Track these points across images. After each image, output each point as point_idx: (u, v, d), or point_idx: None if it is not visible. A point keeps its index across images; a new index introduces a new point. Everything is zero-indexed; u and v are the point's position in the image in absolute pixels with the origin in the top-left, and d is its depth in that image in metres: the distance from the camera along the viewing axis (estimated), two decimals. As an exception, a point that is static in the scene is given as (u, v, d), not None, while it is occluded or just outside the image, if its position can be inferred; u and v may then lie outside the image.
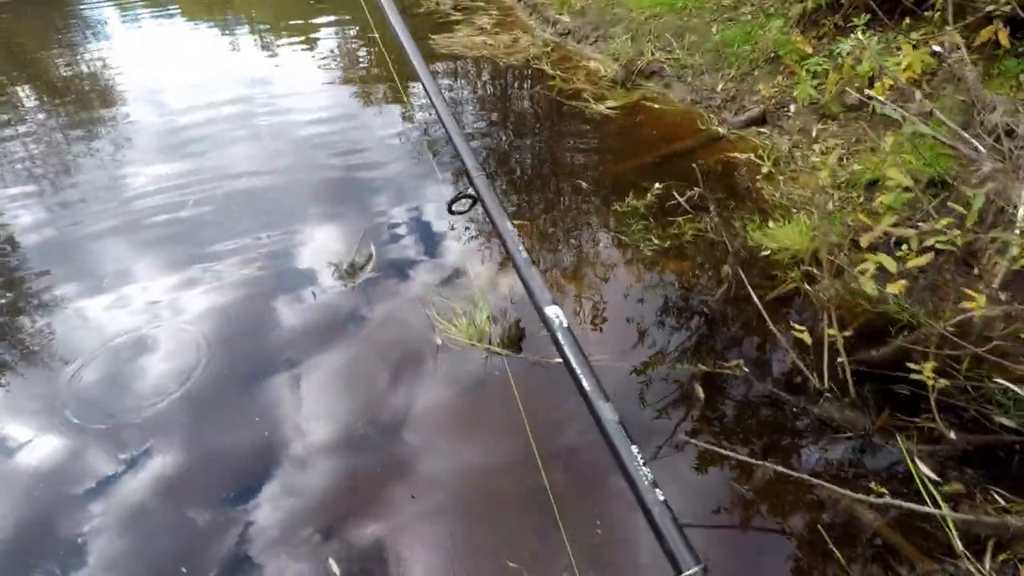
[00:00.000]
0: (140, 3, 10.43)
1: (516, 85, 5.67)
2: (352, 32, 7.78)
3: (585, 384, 1.06)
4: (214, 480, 2.30)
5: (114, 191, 4.24)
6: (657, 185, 3.80)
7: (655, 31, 5.63)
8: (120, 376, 2.75)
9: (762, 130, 4.38)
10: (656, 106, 4.97)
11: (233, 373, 2.73)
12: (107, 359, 2.85)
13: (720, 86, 4.84)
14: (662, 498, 0.93)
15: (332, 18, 8.31)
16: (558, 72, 5.60)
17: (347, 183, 4.20)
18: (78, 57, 7.47)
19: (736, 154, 4.20)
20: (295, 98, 5.63)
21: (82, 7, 10.19)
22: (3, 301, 3.32)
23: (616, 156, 4.34)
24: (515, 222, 2.13)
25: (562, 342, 1.12)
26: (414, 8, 8.32)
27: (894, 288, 1.99)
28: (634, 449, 0.97)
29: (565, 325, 1.14)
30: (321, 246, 3.53)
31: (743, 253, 3.19)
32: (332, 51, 7.10)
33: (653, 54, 5.37)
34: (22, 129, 5.37)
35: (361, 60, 6.75)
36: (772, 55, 4.72)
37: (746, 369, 2.56)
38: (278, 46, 7.51)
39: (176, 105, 5.63)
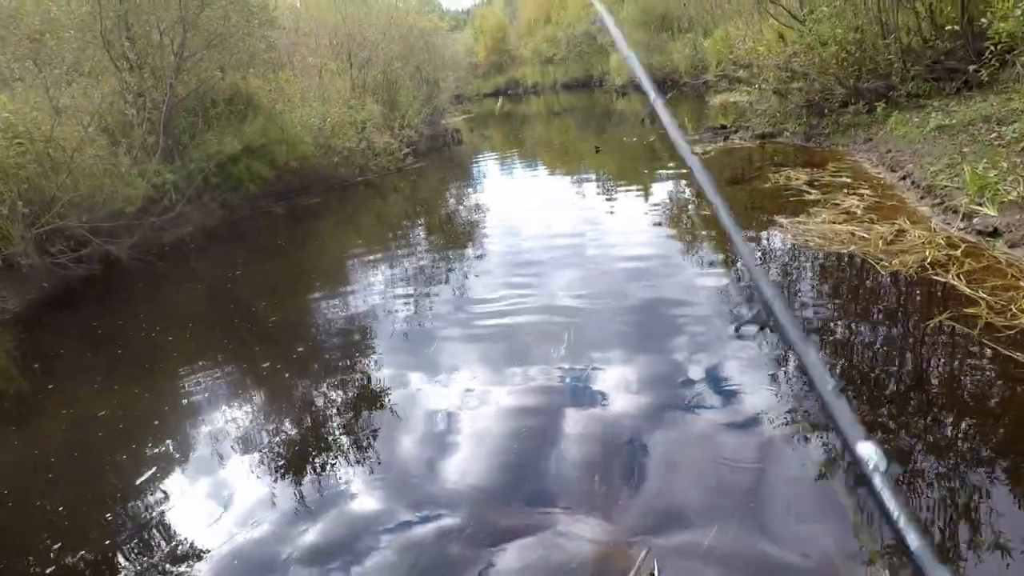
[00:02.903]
0: (516, 158, 13.19)
1: (903, 305, 3.94)
2: (684, 189, 7.84)
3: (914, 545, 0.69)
4: None
5: (461, 300, 5.12)
6: None
7: None
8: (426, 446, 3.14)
9: None
10: None
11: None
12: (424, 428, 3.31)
13: None
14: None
15: (671, 172, 8.61)
16: (981, 294, 3.73)
17: (650, 322, 4.16)
18: (459, 200, 9.74)
19: None
20: (619, 236, 6.18)
21: (474, 163, 12.96)
22: (365, 371, 4.15)
23: None
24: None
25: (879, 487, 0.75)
26: (758, 181, 7.32)
27: None
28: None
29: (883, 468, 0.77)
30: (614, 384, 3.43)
31: None
32: (664, 202, 7.41)
33: None
34: (411, 251, 7.09)
35: (688, 216, 6.75)
36: None
37: None
38: (616, 193, 8.41)
39: (523, 237, 6.75)
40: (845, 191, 6.14)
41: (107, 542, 2.75)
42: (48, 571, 2.62)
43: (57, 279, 6.64)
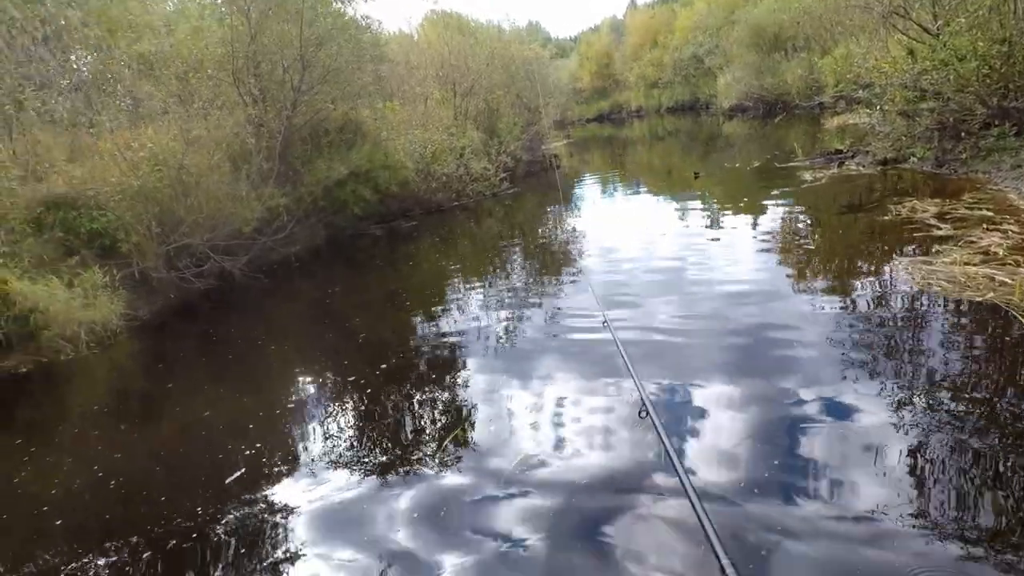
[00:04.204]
0: (617, 182, 13.05)
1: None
2: (800, 214, 7.58)
3: None
4: None
5: (555, 317, 5.19)
6: None
7: None
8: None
9: None
10: None
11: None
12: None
13: None
14: None
15: (782, 201, 8.29)
16: None
17: (753, 354, 3.89)
18: (553, 224, 9.79)
19: None
20: (725, 263, 5.92)
21: (571, 187, 13.01)
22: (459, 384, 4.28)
23: None
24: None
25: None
26: (877, 212, 6.61)
27: None
28: None
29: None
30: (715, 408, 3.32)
31: None
32: (773, 230, 6.99)
33: None
34: (503, 273, 7.17)
35: (801, 244, 6.33)
36: None
37: None
38: (723, 219, 8.03)
39: (622, 260, 6.65)
40: (984, 226, 5.38)
41: (198, 533, 2.96)
42: (147, 555, 2.86)
43: (180, 292, 7.32)
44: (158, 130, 7.92)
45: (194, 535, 2.94)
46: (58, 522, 3.23)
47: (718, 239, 6.87)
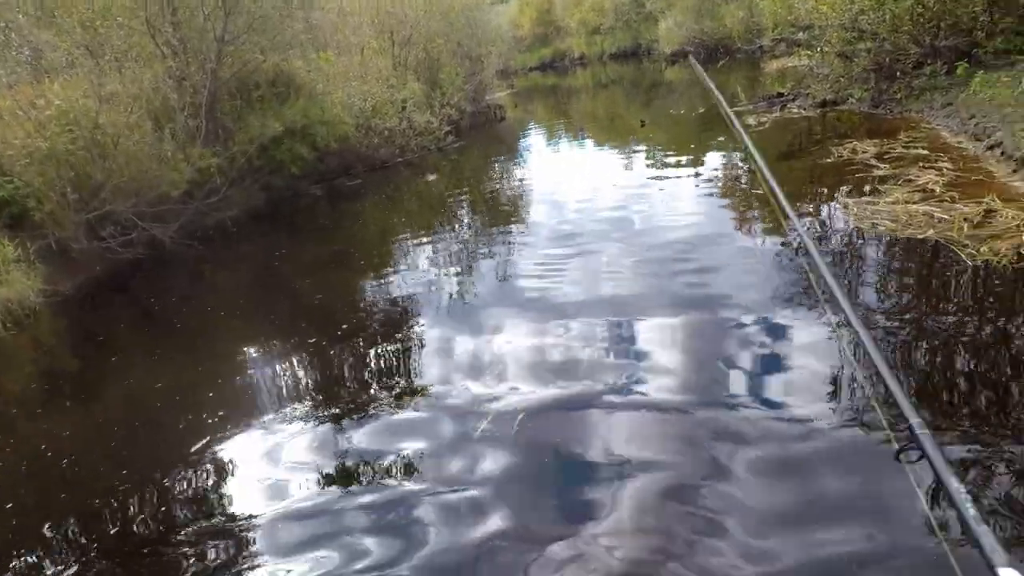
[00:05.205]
0: (563, 131, 13.02)
1: (995, 302, 3.44)
2: (738, 160, 7.44)
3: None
4: None
5: (502, 273, 5.16)
6: None
7: None
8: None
9: None
10: None
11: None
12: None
13: None
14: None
15: (727, 146, 8.17)
16: (1087, 282, 3.25)
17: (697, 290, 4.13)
18: (499, 177, 9.59)
19: None
20: (667, 206, 6.08)
21: (518, 139, 12.89)
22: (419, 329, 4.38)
23: None
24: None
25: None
26: (818, 155, 6.75)
27: None
28: None
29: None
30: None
31: None
32: (717, 176, 7.08)
33: None
34: (451, 229, 7.06)
35: (740, 188, 6.48)
36: None
37: None
38: (668, 166, 8.01)
39: (569, 210, 6.67)
40: (920, 165, 5.56)
41: (163, 507, 2.88)
42: (111, 531, 2.76)
43: (107, 263, 6.82)
44: (65, 85, 7.18)
45: (155, 510, 2.83)
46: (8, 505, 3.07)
47: (663, 187, 6.91)
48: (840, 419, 2.63)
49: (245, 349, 4.63)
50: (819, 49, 9.53)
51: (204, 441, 3.32)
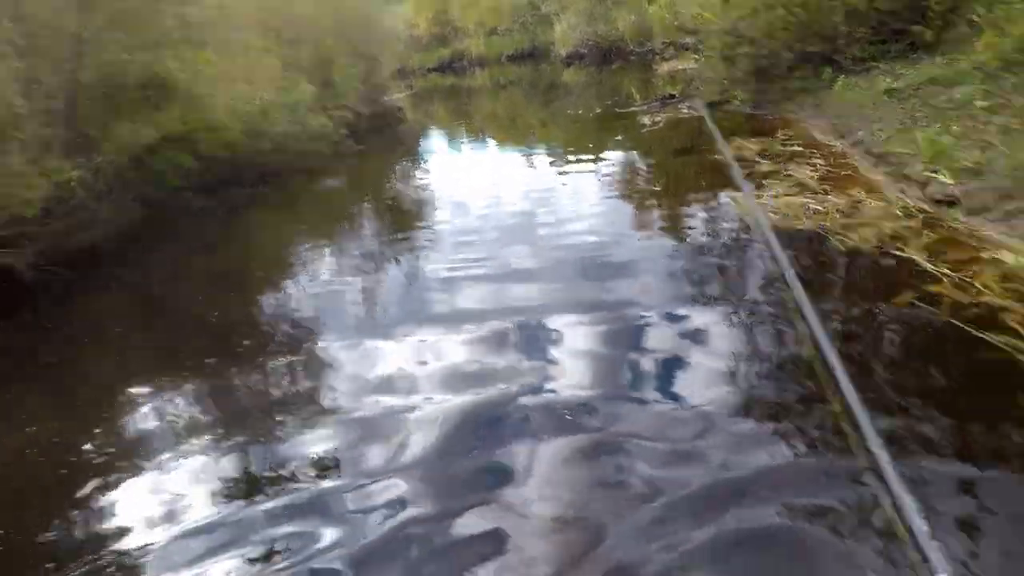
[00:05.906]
0: (464, 134, 12.97)
1: (864, 285, 3.76)
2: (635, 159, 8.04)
3: None
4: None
5: (413, 275, 5.17)
6: None
7: None
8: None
9: None
10: None
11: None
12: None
13: None
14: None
15: (624, 145, 8.78)
16: (943, 268, 3.58)
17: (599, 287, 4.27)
18: (405, 179, 9.71)
19: None
20: (573, 206, 6.29)
21: (418, 142, 12.73)
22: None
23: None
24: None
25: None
26: (708, 152, 7.11)
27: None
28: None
29: None
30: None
31: None
32: (616, 175, 7.40)
33: None
34: (352, 237, 6.97)
35: (638, 184, 6.97)
36: None
37: None
38: (568, 166, 8.25)
39: (473, 211, 6.76)
40: (796, 161, 5.98)
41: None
42: None
43: (-53, 298, 5.88)
44: None
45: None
46: None
47: (565, 185, 7.11)
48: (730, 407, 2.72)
49: (127, 385, 4.11)
50: (704, 53, 10.07)
51: (82, 491, 2.93)
